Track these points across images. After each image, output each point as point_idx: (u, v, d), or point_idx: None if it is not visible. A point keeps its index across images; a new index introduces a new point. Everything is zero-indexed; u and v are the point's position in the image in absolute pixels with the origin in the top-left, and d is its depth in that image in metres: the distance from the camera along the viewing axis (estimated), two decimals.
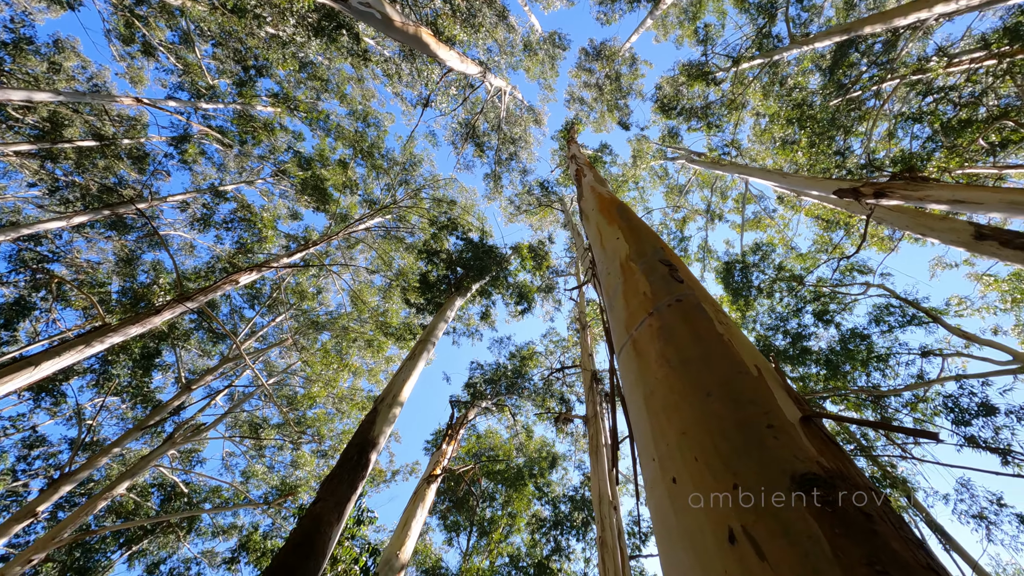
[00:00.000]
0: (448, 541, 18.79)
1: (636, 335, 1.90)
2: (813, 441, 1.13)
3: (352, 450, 7.72)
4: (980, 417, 9.90)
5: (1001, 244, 6.83)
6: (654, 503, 1.31)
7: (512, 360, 15.96)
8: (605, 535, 9.23)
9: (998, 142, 11.33)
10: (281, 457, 19.77)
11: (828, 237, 15.38)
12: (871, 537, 0.89)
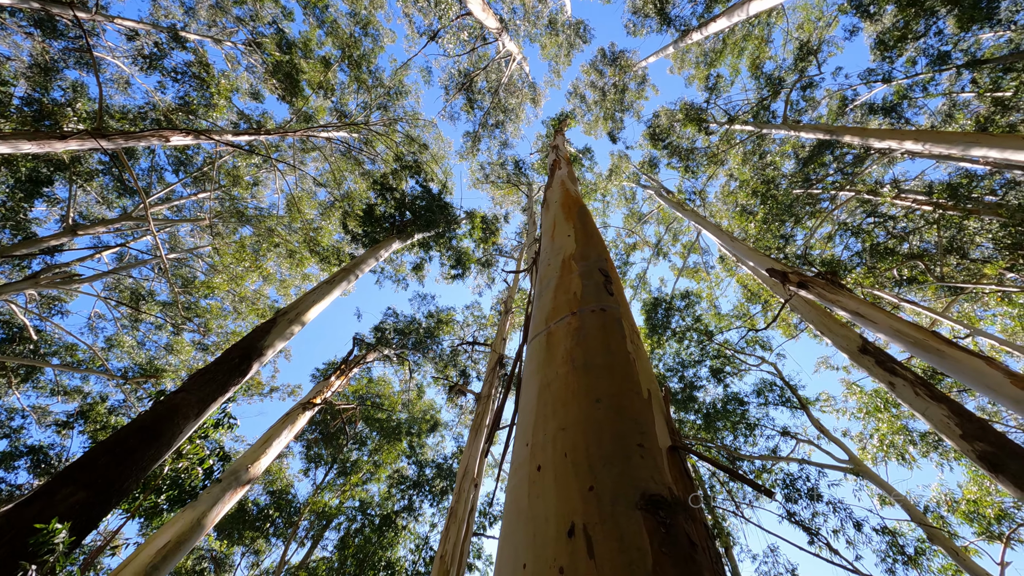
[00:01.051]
0: (305, 471, 18.51)
1: (553, 328, 1.93)
2: (672, 469, 1.21)
3: (235, 352, 7.33)
4: (806, 499, 11.28)
5: (876, 362, 7.72)
6: (514, 484, 1.34)
7: (429, 320, 15.85)
8: (458, 507, 9.52)
9: (906, 277, 12.75)
10: (156, 337, 18.38)
11: (747, 307, 16.63)
12: (690, 562, 0.97)
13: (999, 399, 5.69)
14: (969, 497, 9.98)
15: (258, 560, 17.04)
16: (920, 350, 6.87)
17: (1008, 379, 5.65)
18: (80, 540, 5.20)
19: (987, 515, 9.53)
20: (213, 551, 15.55)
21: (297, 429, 9.43)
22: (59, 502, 5.03)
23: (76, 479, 5.28)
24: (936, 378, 12.06)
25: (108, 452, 5.65)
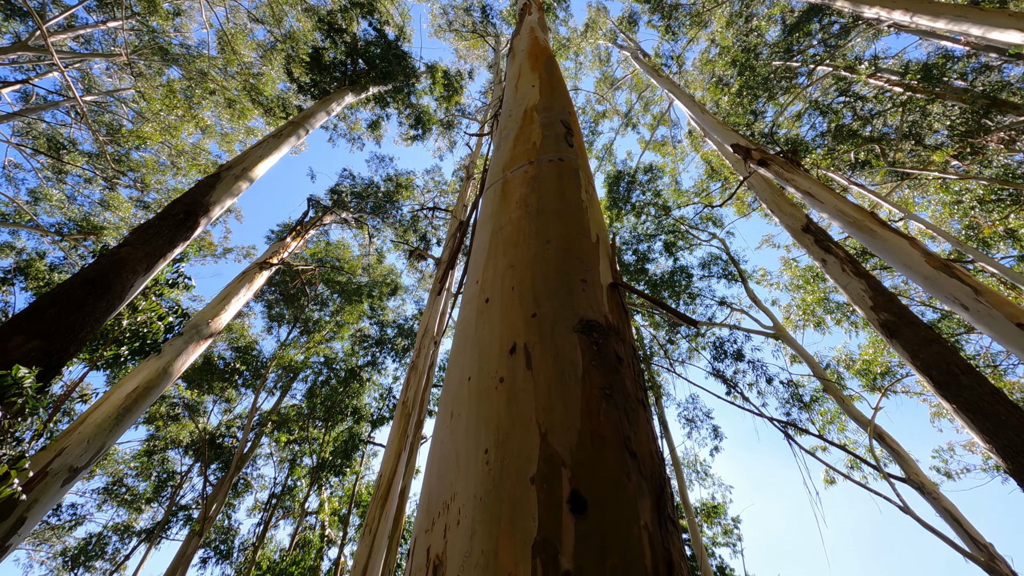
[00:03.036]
0: (268, 330, 18.99)
1: (509, 177, 1.90)
2: (610, 302, 1.31)
3: (178, 207, 6.93)
4: (731, 359, 12.80)
5: (815, 241, 8.23)
6: (463, 316, 1.42)
7: (387, 183, 15.25)
8: (419, 361, 10.24)
9: (861, 160, 13.07)
10: (88, 191, 16.98)
11: (707, 184, 16.84)
12: (614, 373, 1.10)
13: (913, 276, 6.30)
14: (865, 358, 11.61)
15: (230, 407, 18.19)
16: (856, 230, 7.32)
17: (924, 258, 6.20)
18: (45, 386, 5.32)
19: (875, 372, 11.22)
20: (185, 399, 16.40)
21: (255, 288, 9.43)
22: (12, 349, 5.01)
23: (25, 328, 5.21)
24: (864, 258, 13.11)
25: (54, 303, 5.53)
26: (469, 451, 1.02)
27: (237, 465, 14.74)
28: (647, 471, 0.96)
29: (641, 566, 0.80)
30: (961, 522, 9.04)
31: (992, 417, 4.88)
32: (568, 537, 0.82)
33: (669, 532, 0.89)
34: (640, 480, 0.93)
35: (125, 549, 16.57)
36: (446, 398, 1.23)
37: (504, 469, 0.94)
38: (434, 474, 1.09)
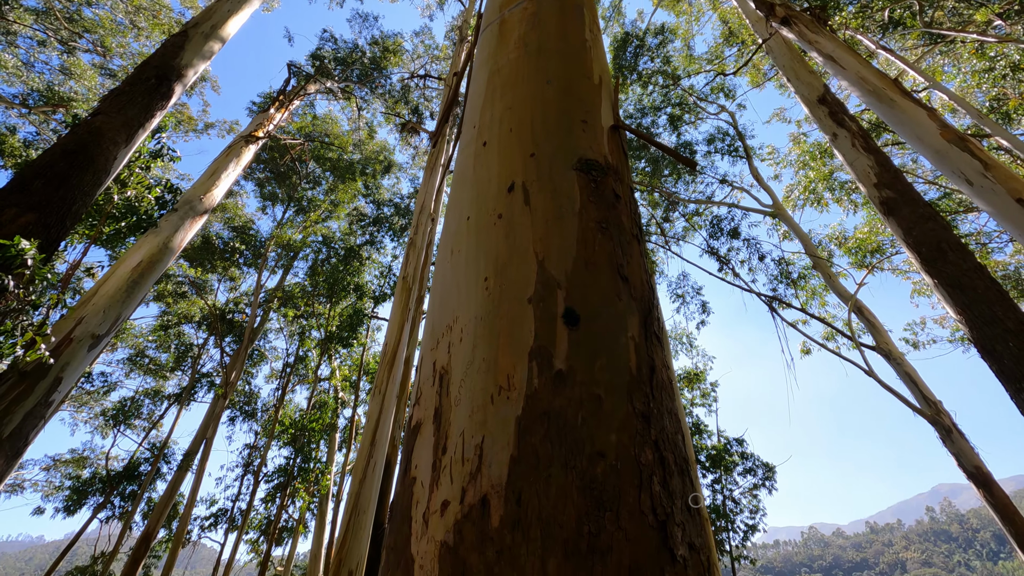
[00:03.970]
0: (263, 209, 18.77)
1: (507, 15, 1.74)
2: (611, 144, 1.28)
3: (149, 71, 6.40)
4: (726, 237, 12.93)
5: (829, 113, 7.81)
6: (460, 161, 1.40)
7: (373, 47, 13.91)
8: (416, 238, 10.33)
9: (895, 20, 11.85)
10: (45, 56, 15.50)
11: (722, 50, 15.44)
12: (611, 209, 1.12)
13: (924, 150, 6.09)
14: (858, 236, 11.74)
15: (235, 285, 18.69)
16: (875, 99, 6.90)
17: (939, 130, 5.94)
18: (48, 258, 5.40)
19: (865, 250, 11.43)
20: (189, 277, 16.78)
21: (244, 163, 9.11)
22: (7, 223, 4.99)
23: (16, 202, 5.13)
24: (877, 133, 12.56)
25: (38, 176, 5.39)
26: (470, 280, 1.08)
27: (250, 338, 15.62)
28: (637, 294, 1.03)
29: (627, 367, 0.90)
30: (917, 383, 9.93)
31: (969, 291, 5.09)
32: (561, 345, 0.91)
33: (654, 345, 0.98)
34: (630, 300, 1.00)
35: (158, 410, 18.27)
36: (446, 239, 1.27)
37: (503, 292, 1.01)
38: (437, 303, 1.16)
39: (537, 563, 0.69)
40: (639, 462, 0.79)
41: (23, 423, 5.20)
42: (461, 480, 0.82)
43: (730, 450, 16.83)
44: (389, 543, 0.89)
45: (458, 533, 0.77)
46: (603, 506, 0.73)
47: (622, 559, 0.70)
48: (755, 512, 17.15)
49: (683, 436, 0.94)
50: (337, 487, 15.08)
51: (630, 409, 0.85)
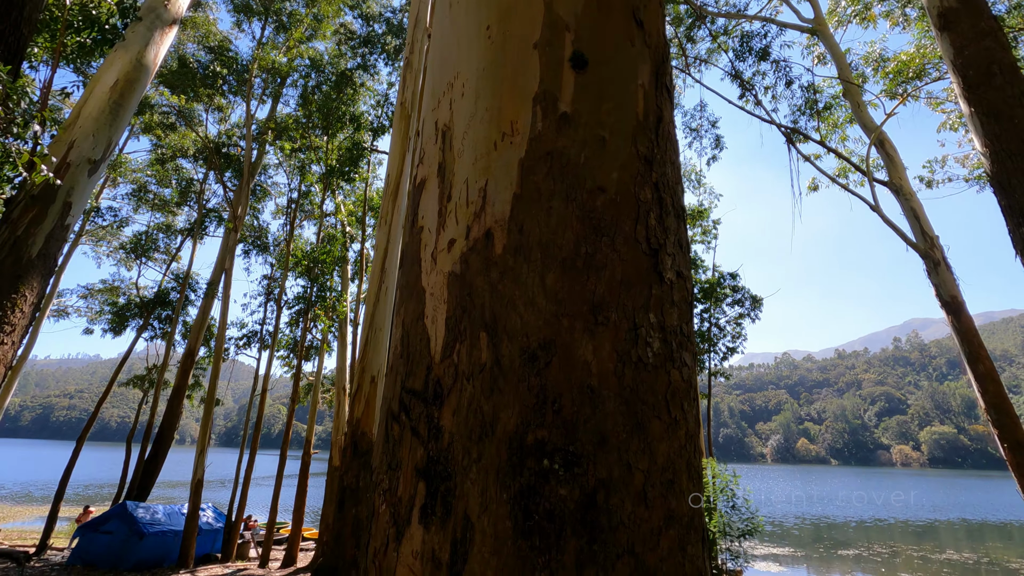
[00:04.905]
0: (237, 25, 16.76)
1: None
2: None
3: None
4: (754, 58, 11.67)
5: None
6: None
7: None
8: (412, 57, 9.38)
9: None
10: None
11: None
12: None
13: None
14: (901, 59, 10.56)
15: (223, 116, 17.68)
16: None
17: None
18: (16, 70, 5.01)
19: (904, 74, 10.39)
20: (174, 105, 15.79)
21: None
22: None
23: None
24: None
25: None
26: (471, 31, 0.99)
27: (249, 173, 15.34)
28: (652, 42, 0.95)
29: (633, 113, 0.88)
30: (920, 219, 9.95)
31: (1005, 120, 4.77)
32: (567, 89, 0.87)
33: (663, 97, 0.94)
34: (643, 47, 0.93)
35: (174, 243, 18.90)
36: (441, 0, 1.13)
37: (506, 39, 0.93)
38: (436, 64, 1.09)
39: (536, 279, 0.76)
40: (638, 199, 0.82)
41: (47, 244, 5.42)
42: (466, 220, 0.86)
43: (723, 284, 17.74)
44: (401, 283, 0.98)
45: (464, 263, 0.83)
46: (600, 232, 0.78)
47: (614, 274, 0.77)
48: (736, 338, 18.82)
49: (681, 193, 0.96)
50: (354, 313, 16.36)
51: (633, 151, 0.85)
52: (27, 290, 5.16)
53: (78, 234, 18.06)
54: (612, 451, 0.69)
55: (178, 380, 14.58)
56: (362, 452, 7.24)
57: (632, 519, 0.67)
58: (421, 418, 0.79)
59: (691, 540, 0.72)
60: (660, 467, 0.72)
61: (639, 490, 0.69)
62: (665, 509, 0.70)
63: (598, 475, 0.68)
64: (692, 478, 0.76)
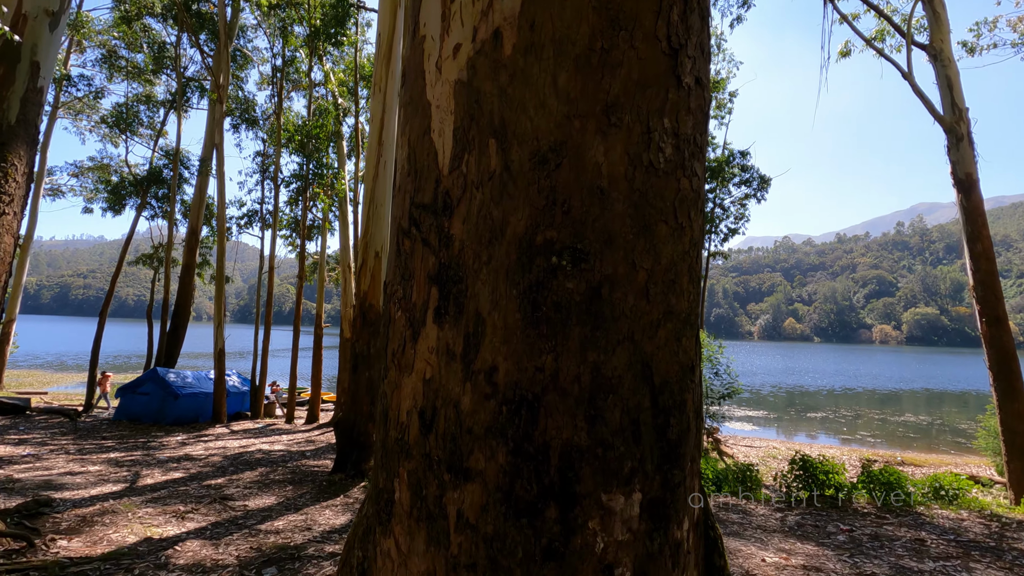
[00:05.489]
0: None
1: None
2: None
3: None
4: None
5: None
6: None
7: None
8: None
9: None
10: None
11: None
12: None
13: None
14: None
15: None
16: None
17: None
18: None
19: None
20: None
21: None
22: None
23: None
24: None
25: None
26: None
27: (227, 34, 13.94)
28: None
29: None
30: (953, 89, 9.27)
31: None
32: None
33: None
34: None
35: (157, 117, 17.90)
36: None
37: None
38: None
39: (548, 79, 0.73)
40: None
41: (24, 109, 5.11)
42: (472, 21, 0.79)
43: (732, 162, 17.15)
44: (404, 100, 0.93)
45: (471, 69, 0.78)
46: (618, 25, 0.72)
47: (630, 74, 0.73)
48: (739, 219, 18.71)
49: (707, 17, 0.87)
50: (353, 192, 16.08)
51: None
52: (15, 158, 4.99)
53: (54, 106, 17.03)
54: (619, 250, 0.71)
55: (186, 258, 14.85)
56: (370, 322, 7.63)
57: (633, 311, 0.72)
58: (432, 229, 0.81)
59: (686, 334, 0.78)
60: (663, 267, 0.75)
61: (642, 286, 0.73)
62: (665, 305, 0.75)
63: (604, 271, 0.71)
64: (692, 280, 0.80)
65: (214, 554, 4.36)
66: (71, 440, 9.50)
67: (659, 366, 0.74)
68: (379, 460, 0.93)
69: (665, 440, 0.74)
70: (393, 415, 0.88)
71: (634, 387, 0.72)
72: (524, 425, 0.71)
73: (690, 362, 0.79)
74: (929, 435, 18.93)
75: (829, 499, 6.92)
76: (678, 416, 0.76)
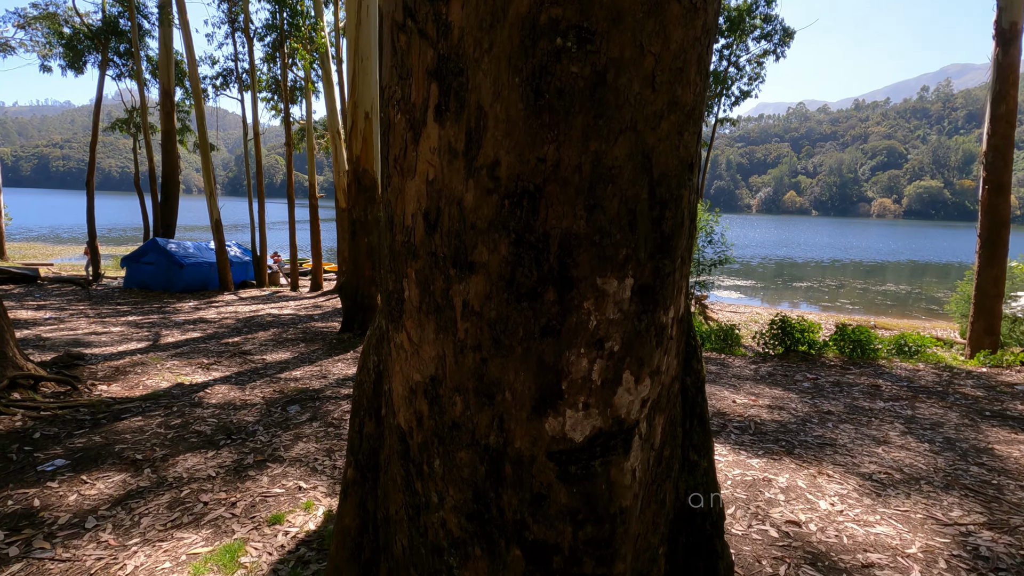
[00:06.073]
0: None
1: None
2: None
3: None
4: None
5: None
6: None
7: None
8: None
9: None
10: None
11: None
12: None
13: None
14: None
15: None
16: None
17: None
18: None
19: None
20: None
21: None
22: None
23: None
24: None
25: None
26: None
27: None
28: None
29: None
30: None
31: None
32: None
33: None
34: None
35: None
36: None
37: None
38: None
39: None
40: None
41: None
42: None
43: (754, 11, 15.39)
44: None
45: None
46: None
47: None
48: (753, 80, 17.39)
49: None
50: (335, 48, 14.61)
51: None
52: None
53: None
54: (627, 30, 0.68)
55: (164, 125, 14.00)
56: (365, 187, 7.49)
57: (638, 100, 0.71)
58: (428, 18, 0.76)
59: (688, 129, 0.78)
60: (672, 53, 0.72)
61: (648, 73, 0.71)
62: (670, 95, 0.74)
63: (610, 54, 0.68)
64: (701, 73, 0.78)
65: (241, 395, 4.84)
66: (88, 306, 9.92)
67: (659, 158, 0.75)
68: (388, 265, 0.99)
69: (659, 231, 0.78)
70: (398, 220, 0.92)
71: (633, 178, 0.73)
72: (525, 216, 0.74)
73: (690, 159, 0.80)
74: (905, 303, 19.93)
75: (802, 354, 7.53)
76: (674, 210, 0.79)
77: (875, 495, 3.34)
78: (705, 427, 1.25)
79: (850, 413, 4.94)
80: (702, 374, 1.27)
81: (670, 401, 1.01)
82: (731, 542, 2.77)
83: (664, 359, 0.90)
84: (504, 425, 0.85)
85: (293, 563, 2.39)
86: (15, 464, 3.20)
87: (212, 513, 2.81)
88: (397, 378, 1.04)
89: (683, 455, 1.20)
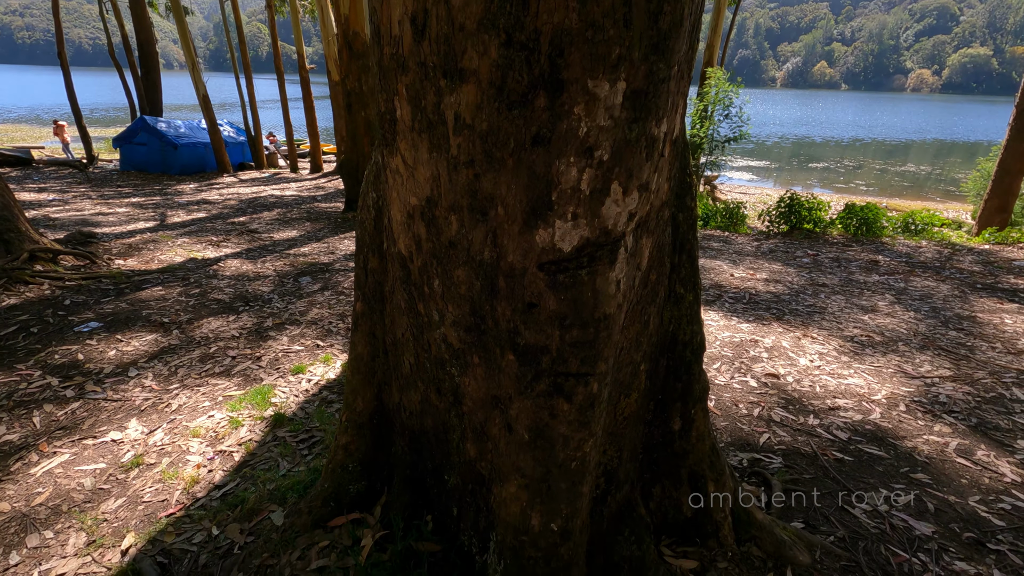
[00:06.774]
0: None
1: None
2: None
3: None
4: None
5: None
6: None
7: None
8: None
9: None
10: None
11: None
12: None
13: None
14: None
15: None
16: None
17: None
18: None
19: None
20: None
21: None
22: None
23: None
24: None
25: None
26: None
27: None
28: None
29: None
30: None
31: None
32: None
33: None
34: None
35: None
36: None
37: None
38: None
39: None
40: None
41: None
42: None
43: None
44: None
45: None
46: None
47: None
48: None
49: None
50: None
51: None
52: None
53: None
54: None
55: None
56: (358, 53, 6.92)
57: None
58: None
59: None
60: None
61: None
62: None
63: None
64: None
65: (254, 268, 5.01)
66: (89, 188, 9.84)
67: None
68: (379, 84, 0.97)
69: (656, 28, 0.74)
70: (385, 29, 0.87)
71: None
72: (515, 11, 0.70)
73: None
74: (923, 185, 19.28)
75: (806, 232, 7.51)
76: (672, 3, 0.75)
77: (853, 354, 3.58)
78: (694, 264, 1.31)
79: (844, 285, 5.09)
80: (695, 212, 1.29)
81: (659, 226, 1.05)
82: (713, 390, 3.06)
83: (654, 177, 0.91)
84: (497, 240, 0.90)
85: (318, 403, 2.69)
86: (53, 326, 3.44)
87: (240, 365, 3.08)
88: (395, 205, 1.07)
89: (670, 286, 1.27)
